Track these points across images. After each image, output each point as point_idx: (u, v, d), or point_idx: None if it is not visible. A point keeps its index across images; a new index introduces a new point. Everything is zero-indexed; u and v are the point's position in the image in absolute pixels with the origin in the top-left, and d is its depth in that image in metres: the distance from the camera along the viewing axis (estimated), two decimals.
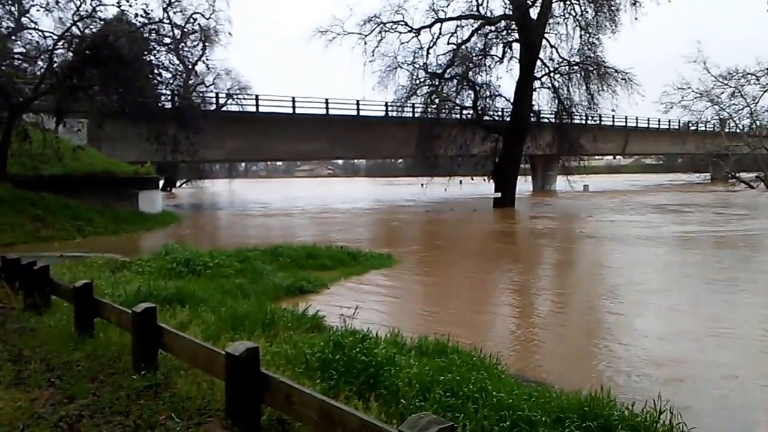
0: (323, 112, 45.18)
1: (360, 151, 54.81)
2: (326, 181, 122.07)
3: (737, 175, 61.36)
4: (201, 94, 44.24)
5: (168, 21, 36.08)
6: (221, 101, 44.58)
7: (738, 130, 61.61)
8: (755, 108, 61.27)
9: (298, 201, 49.73)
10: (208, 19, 49.37)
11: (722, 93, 60.67)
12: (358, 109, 46.23)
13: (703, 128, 63.45)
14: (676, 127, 65.29)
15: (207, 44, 49.02)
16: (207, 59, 48.79)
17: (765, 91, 60.87)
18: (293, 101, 43.91)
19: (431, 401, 4.75)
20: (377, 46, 39.44)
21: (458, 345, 6.84)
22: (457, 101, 40.69)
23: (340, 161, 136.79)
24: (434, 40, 39.69)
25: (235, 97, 46.20)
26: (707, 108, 61.20)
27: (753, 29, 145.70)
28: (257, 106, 43.48)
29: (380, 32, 39.48)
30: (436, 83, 39.86)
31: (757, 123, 61.61)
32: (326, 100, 45.15)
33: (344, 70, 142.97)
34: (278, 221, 31.98)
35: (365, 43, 39.64)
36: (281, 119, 43.35)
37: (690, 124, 63.19)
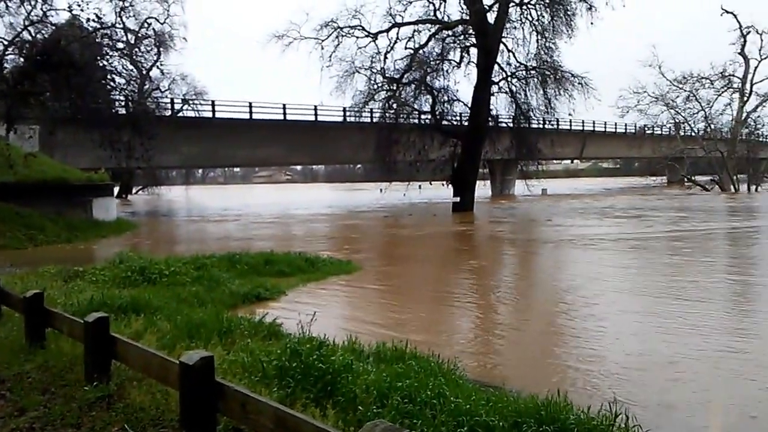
0: (281, 117, 44.96)
1: (318, 156, 54.66)
2: (285, 187, 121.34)
3: (693, 178, 62.88)
4: (156, 100, 43.63)
5: (121, 26, 35.65)
6: (177, 107, 44.04)
7: (693, 134, 63.18)
8: (709, 112, 63.16)
9: (256, 207, 49.32)
10: (162, 23, 48.81)
11: (677, 97, 62.50)
12: (315, 115, 46.13)
13: (659, 132, 64.94)
14: (633, 131, 66.58)
15: (162, 49, 48.36)
16: (162, 64, 48.13)
17: (719, 95, 62.92)
18: (250, 107, 43.64)
19: (389, 408, 4.73)
20: (334, 51, 39.41)
21: (416, 351, 6.82)
22: (416, 106, 40.73)
23: (298, 167, 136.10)
24: (392, 44, 39.82)
25: (191, 102, 45.70)
26: (663, 112, 62.92)
27: (707, 34, 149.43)
28: (213, 111, 43.09)
29: (337, 37, 39.44)
30: (394, 88, 39.90)
31: (712, 126, 63.33)
32: (284, 105, 45.02)
33: (301, 75, 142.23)
34: (236, 228, 31.67)
35: (322, 48, 39.58)
36: (238, 125, 43.04)
37: (646, 128, 64.59)
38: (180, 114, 42.97)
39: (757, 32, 61.43)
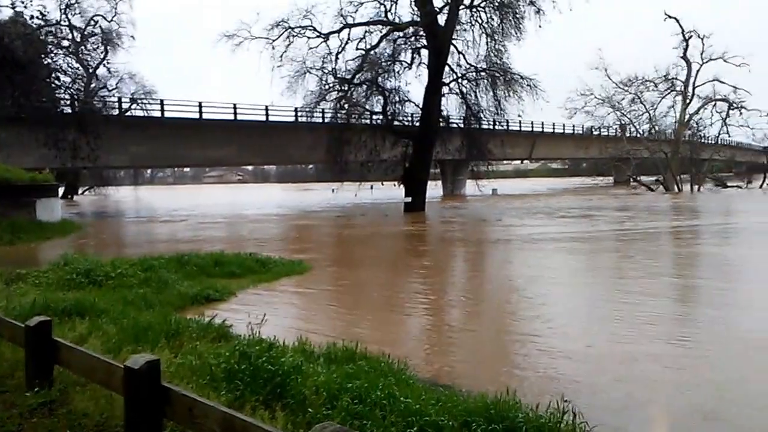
0: (231, 117, 44.43)
1: (269, 156, 54.22)
2: (236, 187, 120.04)
3: (638, 178, 64.48)
4: (103, 99, 42.65)
5: (67, 23, 34.71)
6: (125, 106, 43.13)
7: (638, 135, 64.72)
8: (654, 114, 64.90)
9: (206, 207, 48.68)
10: (110, 21, 47.77)
11: (623, 99, 64.13)
12: (267, 115, 45.72)
13: (606, 133, 66.30)
14: (581, 132, 67.87)
15: (109, 47, 47.35)
16: (109, 63, 47.12)
17: (662, 98, 64.75)
18: (200, 106, 43.00)
19: (339, 409, 4.74)
20: (285, 51, 39.13)
21: (367, 351, 6.84)
22: (367, 106, 40.77)
23: (249, 167, 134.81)
24: (343, 45, 39.77)
25: (139, 101, 44.81)
26: (609, 113, 64.45)
27: (652, 38, 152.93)
28: (162, 111, 42.33)
29: (288, 37, 39.16)
30: (346, 88, 39.85)
31: (656, 128, 65.05)
32: (234, 105, 44.48)
33: (252, 75, 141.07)
34: (185, 228, 31.16)
35: (273, 48, 39.27)
36: (188, 125, 42.39)
37: (593, 129, 65.92)
38: (128, 113, 42.09)
39: (698, 37, 63.50)
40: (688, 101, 64.92)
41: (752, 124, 64.27)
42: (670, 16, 63.43)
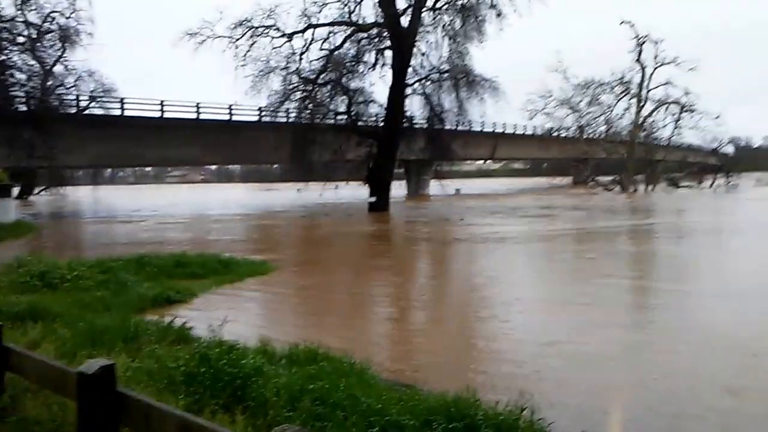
0: (194, 116, 43.85)
1: (233, 156, 53.65)
2: (199, 187, 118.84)
3: (596, 178, 65.95)
4: (60, 97, 41.65)
5: (22, 19, 33.77)
6: (83, 104, 42.13)
7: (596, 137, 65.98)
8: (610, 116, 66.38)
9: (168, 208, 48.03)
10: (68, 18, 46.51)
11: (581, 101, 65.56)
12: (230, 114, 45.23)
13: (565, 134, 67.60)
14: (541, 133, 68.86)
15: (66, 45, 46.18)
16: (66, 60, 46.00)
17: (618, 100, 66.30)
18: (161, 105, 42.31)
19: (300, 411, 4.71)
20: (249, 51, 38.74)
21: (329, 352, 6.79)
22: (332, 107, 40.71)
23: (213, 167, 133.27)
24: (307, 45, 39.59)
25: (98, 100, 43.78)
26: (568, 115, 65.89)
27: (608, 42, 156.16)
28: (122, 109, 41.50)
29: (252, 36, 38.79)
30: (310, 89, 39.68)
31: (612, 130, 66.40)
32: (197, 104, 43.86)
33: (215, 74, 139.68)
34: (146, 229, 30.66)
35: (236, 47, 38.82)
36: (149, 124, 41.67)
37: (553, 131, 67.05)
38: (86, 112, 41.15)
39: (651, 41, 64.92)
40: (642, 104, 66.46)
41: (702, 126, 66.26)
42: (625, 21, 64.87)
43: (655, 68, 65.32)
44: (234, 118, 45.55)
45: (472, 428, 4.62)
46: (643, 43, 64.69)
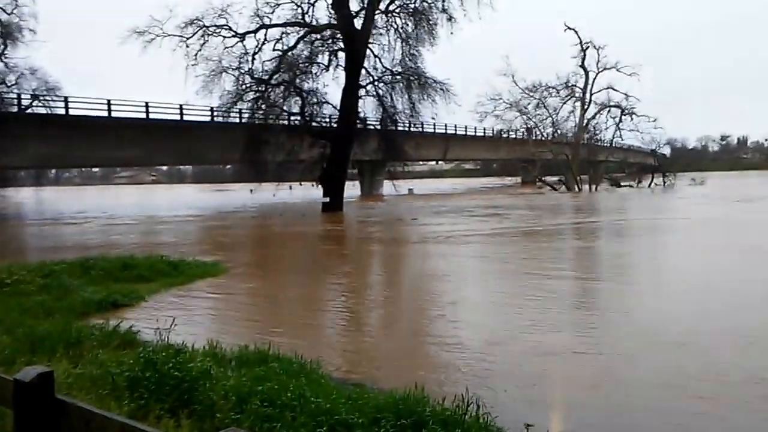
0: (143, 116, 42.99)
1: (185, 157, 52.90)
2: (150, 188, 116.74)
3: (543, 178, 67.50)
4: (0, 95, 40.37)
5: None
6: (26, 103, 40.94)
7: (543, 138, 67.45)
8: (556, 118, 68.16)
9: (116, 209, 47.10)
10: (9, 14, 45.19)
11: (529, 104, 67.18)
12: (181, 114, 44.47)
13: (514, 136, 68.95)
14: (491, 134, 69.90)
15: (8, 42, 44.82)
16: (7, 57, 44.60)
17: (564, 103, 68.24)
18: (109, 104, 41.35)
19: (248, 413, 4.69)
20: (200, 50, 38.19)
21: (279, 353, 6.76)
22: (285, 107, 40.54)
23: (164, 167, 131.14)
24: (259, 45, 39.30)
25: (41, 98, 42.57)
26: (516, 117, 67.36)
27: (554, 47, 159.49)
28: (67, 108, 40.36)
29: (203, 36, 38.32)
30: (263, 89, 39.41)
31: (558, 132, 68.08)
32: (146, 103, 42.94)
33: (166, 73, 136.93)
34: (92, 231, 30.02)
35: (187, 47, 38.22)
36: (96, 123, 40.69)
37: (502, 132, 68.35)
38: (29, 111, 40.00)
39: (594, 47, 66.78)
40: (586, 107, 68.36)
41: (641, 128, 68.38)
42: (569, 28, 66.37)
43: (598, 73, 67.46)
44: (185, 118, 44.82)
45: (419, 425, 4.67)
46: (587, 49, 66.68)
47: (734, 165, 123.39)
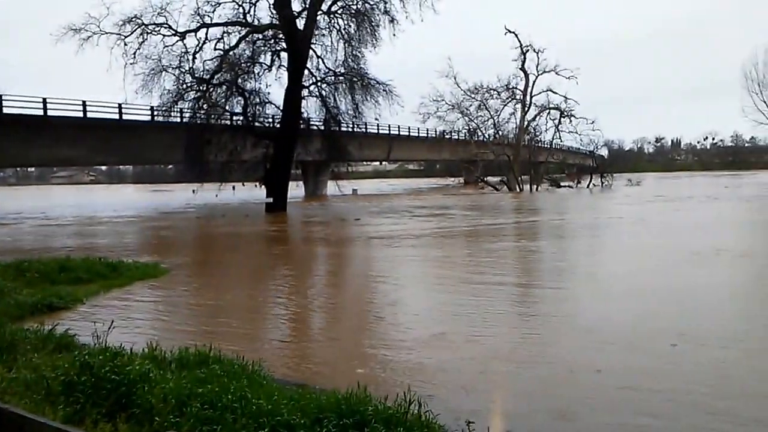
0: (81, 115, 41.83)
1: (124, 156, 51.64)
2: (88, 188, 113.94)
3: (485, 179, 68.54)
4: None
5: None
6: None
7: (485, 139, 68.39)
8: (497, 120, 69.31)
9: (53, 209, 45.74)
10: None
11: (471, 105, 67.97)
12: (120, 113, 43.40)
13: (456, 137, 69.72)
14: (434, 135, 70.46)
15: None
16: None
17: (505, 105, 69.52)
18: (44, 102, 40.09)
19: (188, 416, 4.65)
20: (139, 49, 37.41)
21: (221, 354, 6.72)
22: (227, 107, 40.07)
23: (103, 167, 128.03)
24: (200, 45, 38.69)
25: None
26: (459, 118, 68.10)
27: (495, 50, 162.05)
28: (1, 107, 39.03)
29: (142, 34, 37.52)
30: (204, 89, 38.83)
31: (500, 133, 69.24)
32: (83, 102, 41.82)
33: (104, 72, 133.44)
34: (28, 233, 29.12)
35: (125, 45, 37.39)
36: (31, 122, 39.35)
37: (445, 133, 69.02)
38: None
39: (534, 50, 67.76)
40: (526, 109, 69.30)
41: (580, 130, 69.55)
42: (510, 31, 67.41)
43: (538, 76, 68.36)
44: (125, 117, 43.76)
45: (362, 424, 4.69)
46: (527, 52, 67.52)
47: (668, 166, 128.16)
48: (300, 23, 38.68)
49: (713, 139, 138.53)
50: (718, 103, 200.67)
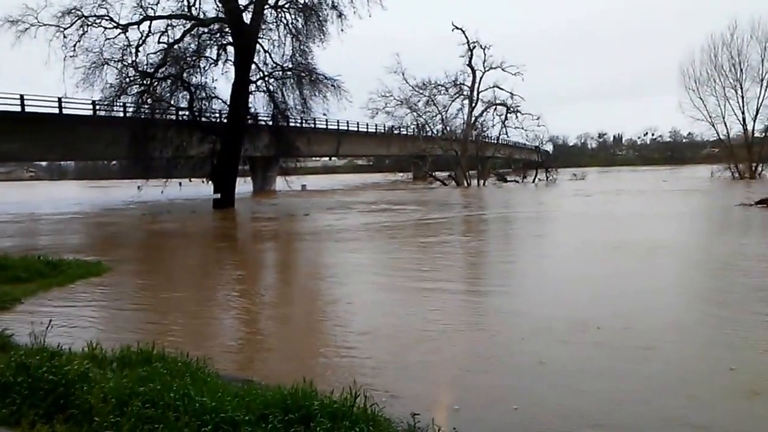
0: (18, 109, 40.53)
1: (65, 152, 50.29)
2: (28, 185, 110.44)
3: (434, 174, 69.21)
4: None
5: None
6: None
7: (433, 135, 69.01)
8: (445, 115, 70.02)
9: None
10: None
11: (419, 101, 68.48)
12: (60, 108, 42.21)
13: (405, 132, 70.21)
14: (383, 131, 70.95)
15: None
16: None
17: (452, 101, 70.25)
18: None
19: (128, 415, 4.59)
20: (79, 41, 36.47)
21: (164, 352, 6.65)
22: (172, 102, 39.41)
23: (43, 163, 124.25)
24: (143, 38, 37.92)
25: None
26: (407, 114, 68.60)
27: (443, 46, 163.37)
28: None
29: (82, 26, 36.58)
30: (148, 82, 38.13)
31: (448, 128, 69.95)
32: (21, 96, 40.53)
33: (42, 65, 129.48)
34: None
35: (65, 37, 36.40)
36: None
37: (393, 129, 69.46)
38: None
39: (481, 47, 68.57)
40: (473, 105, 70.02)
41: (526, 126, 70.70)
42: (457, 27, 68.05)
43: (484, 72, 69.09)
44: (65, 111, 42.58)
45: (307, 418, 4.71)
46: (473, 48, 68.20)
47: (610, 161, 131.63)
48: (246, 17, 38.42)
49: (653, 134, 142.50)
50: (658, 99, 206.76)
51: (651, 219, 25.50)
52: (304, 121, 44.57)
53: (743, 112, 63.60)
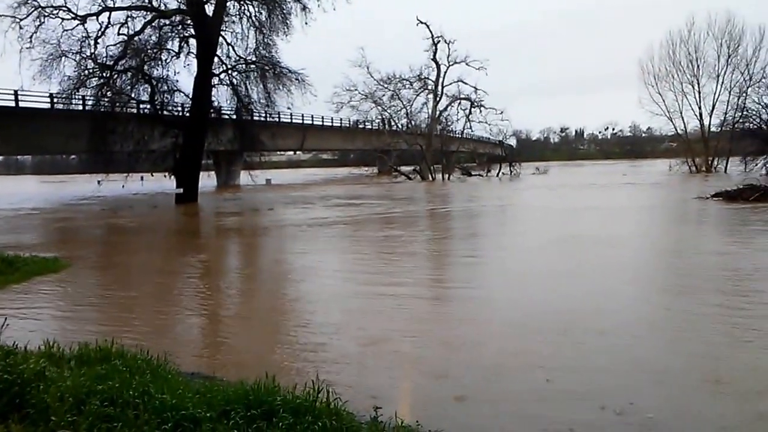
0: None
1: (22, 146, 49.06)
2: None
3: (399, 168, 69.41)
4: None
5: None
6: None
7: (398, 129, 69.11)
8: (410, 110, 70.26)
9: None
10: None
11: (384, 95, 68.45)
12: (16, 101, 41.19)
13: (370, 127, 70.22)
14: (347, 125, 70.86)
15: None
16: None
17: (417, 95, 70.56)
18: None
19: (86, 414, 4.52)
20: (36, 32, 35.48)
21: (124, 349, 6.57)
22: (133, 95, 38.75)
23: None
24: (102, 29, 37.09)
25: None
26: (372, 108, 68.62)
27: (408, 40, 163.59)
28: None
29: (39, 17, 35.60)
30: (108, 75, 37.38)
31: (413, 123, 70.16)
32: None
33: None
34: None
35: (21, 28, 35.36)
36: None
37: (358, 123, 69.42)
38: None
39: (445, 41, 68.75)
40: (438, 99, 70.32)
41: (490, 120, 71.11)
42: (421, 22, 68.23)
43: (449, 66, 69.32)
44: (21, 104, 41.55)
45: (270, 414, 4.69)
46: (438, 42, 68.40)
47: (572, 155, 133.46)
48: (209, 9, 37.95)
49: (613, 129, 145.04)
50: (619, 94, 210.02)
51: (611, 212, 25.97)
52: (268, 115, 44.22)
53: (700, 108, 65.18)
